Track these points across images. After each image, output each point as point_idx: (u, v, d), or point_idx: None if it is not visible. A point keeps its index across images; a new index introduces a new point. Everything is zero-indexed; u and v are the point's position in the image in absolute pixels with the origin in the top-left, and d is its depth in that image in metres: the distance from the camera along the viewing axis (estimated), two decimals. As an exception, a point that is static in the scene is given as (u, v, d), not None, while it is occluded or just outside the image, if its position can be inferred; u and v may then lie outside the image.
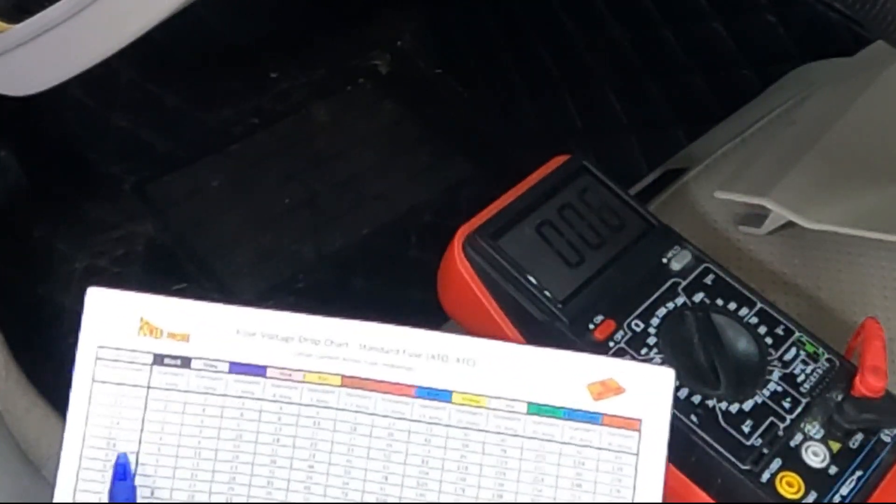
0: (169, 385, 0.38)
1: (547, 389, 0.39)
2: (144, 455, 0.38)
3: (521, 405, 0.39)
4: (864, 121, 0.59)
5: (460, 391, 0.39)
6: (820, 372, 0.43)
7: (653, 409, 0.38)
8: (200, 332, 0.38)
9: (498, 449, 0.38)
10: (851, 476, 0.40)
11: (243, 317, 0.39)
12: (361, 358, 0.39)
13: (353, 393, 0.38)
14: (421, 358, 0.39)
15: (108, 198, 0.83)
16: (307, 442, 0.38)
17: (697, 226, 0.56)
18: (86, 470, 0.38)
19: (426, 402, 0.38)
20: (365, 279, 0.82)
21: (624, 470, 0.38)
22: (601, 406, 0.38)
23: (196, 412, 0.38)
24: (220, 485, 0.38)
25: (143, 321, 0.38)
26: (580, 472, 0.38)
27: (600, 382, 0.38)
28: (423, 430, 0.38)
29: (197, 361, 0.38)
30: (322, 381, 0.38)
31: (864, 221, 0.53)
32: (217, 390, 0.38)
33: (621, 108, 0.89)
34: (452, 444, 0.38)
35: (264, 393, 0.38)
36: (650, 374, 0.39)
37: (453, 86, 1.00)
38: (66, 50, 0.48)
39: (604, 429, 0.38)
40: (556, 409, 0.38)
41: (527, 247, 0.46)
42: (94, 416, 0.38)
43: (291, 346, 0.39)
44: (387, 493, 0.38)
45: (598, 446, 0.38)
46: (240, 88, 0.95)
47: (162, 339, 0.38)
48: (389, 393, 0.38)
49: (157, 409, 0.38)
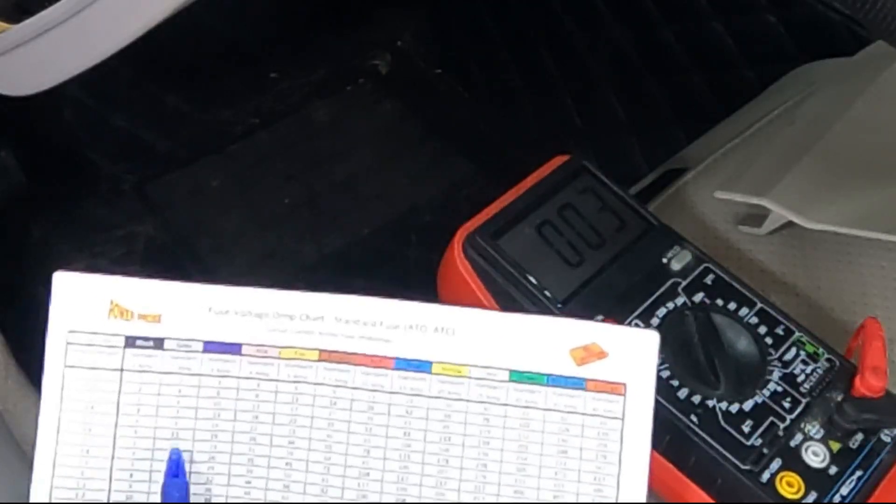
0: (142, 367, 0.38)
1: (529, 356, 0.38)
2: (121, 438, 0.37)
3: (503, 373, 0.38)
4: (864, 121, 0.59)
5: (440, 361, 0.38)
6: (820, 372, 0.43)
7: (637, 373, 0.38)
8: (172, 312, 0.38)
9: (481, 418, 0.38)
10: (851, 476, 0.40)
11: (215, 295, 0.38)
12: (338, 331, 0.38)
13: (331, 367, 0.38)
14: (399, 329, 0.38)
15: (108, 198, 0.83)
16: (286, 418, 0.38)
17: (697, 226, 0.56)
18: (62, 456, 0.37)
19: (406, 373, 0.38)
20: (365, 279, 0.82)
21: (609, 435, 0.37)
22: (584, 371, 0.38)
23: (172, 393, 0.38)
24: (199, 465, 0.38)
25: (113, 304, 0.38)
26: (565, 438, 0.38)
27: (583, 347, 0.38)
28: (403, 402, 0.38)
29: (170, 342, 0.38)
30: (299, 357, 0.38)
31: (864, 221, 0.53)
32: (192, 370, 0.38)
33: (621, 108, 0.89)
34: (434, 415, 0.38)
35: (240, 371, 0.38)
36: (634, 338, 0.38)
37: (453, 86, 1.00)
38: (66, 50, 0.48)
39: (588, 394, 0.38)
40: (539, 375, 0.38)
41: (527, 247, 0.46)
42: (67, 401, 0.37)
43: (266, 322, 0.38)
44: (369, 466, 0.38)
45: (583, 412, 0.38)
46: (240, 88, 0.94)
47: (133, 321, 0.38)
48: (368, 366, 0.38)
49: (131, 392, 0.38)
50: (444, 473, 0.38)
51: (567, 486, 0.37)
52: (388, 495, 0.38)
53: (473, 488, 0.38)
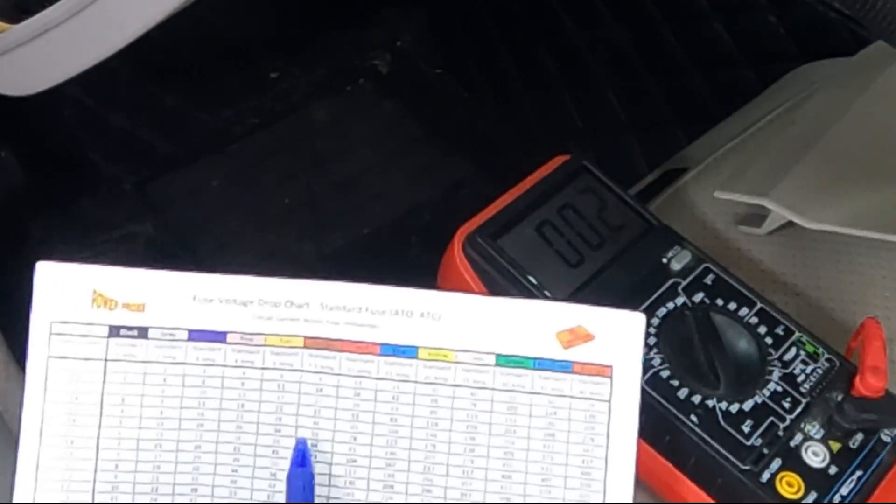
0: (127, 356, 0.37)
1: (515, 340, 0.38)
2: (106, 429, 0.37)
3: (490, 357, 0.38)
4: (864, 121, 0.59)
5: (426, 346, 0.38)
6: (820, 372, 0.43)
7: (624, 355, 0.37)
8: (156, 300, 0.38)
9: (468, 402, 0.38)
10: (851, 476, 0.40)
11: (199, 283, 0.38)
12: (323, 318, 0.38)
13: (316, 354, 0.38)
14: (384, 315, 0.38)
15: (108, 198, 0.83)
16: (273, 406, 0.38)
17: (697, 226, 0.56)
18: (47, 447, 0.37)
19: (392, 359, 0.38)
20: (365, 279, 0.82)
21: (597, 417, 0.37)
22: (571, 354, 0.38)
23: (157, 382, 0.37)
24: (185, 454, 0.38)
25: (96, 293, 0.37)
26: (552, 421, 0.37)
27: (569, 330, 0.38)
28: (390, 387, 0.38)
29: (154, 331, 0.38)
30: (284, 344, 0.38)
31: (864, 221, 0.53)
32: (177, 359, 0.38)
33: (621, 108, 0.89)
34: (421, 400, 0.38)
35: (226, 359, 0.38)
36: (620, 320, 0.38)
37: (453, 86, 1.00)
38: (66, 50, 0.48)
39: (575, 377, 0.38)
40: (526, 359, 0.38)
41: (527, 247, 0.46)
42: (51, 392, 0.37)
43: (251, 309, 0.38)
44: (356, 453, 0.38)
45: (570, 395, 0.37)
46: (240, 88, 0.94)
47: (117, 311, 0.37)
48: (354, 352, 0.38)
49: (116, 382, 0.37)
50: (432, 459, 0.38)
51: (555, 470, 0.37)
52: (375, 481, 0.37)
53: (461, 473, 0.37)
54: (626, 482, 0.37)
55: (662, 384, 0.42)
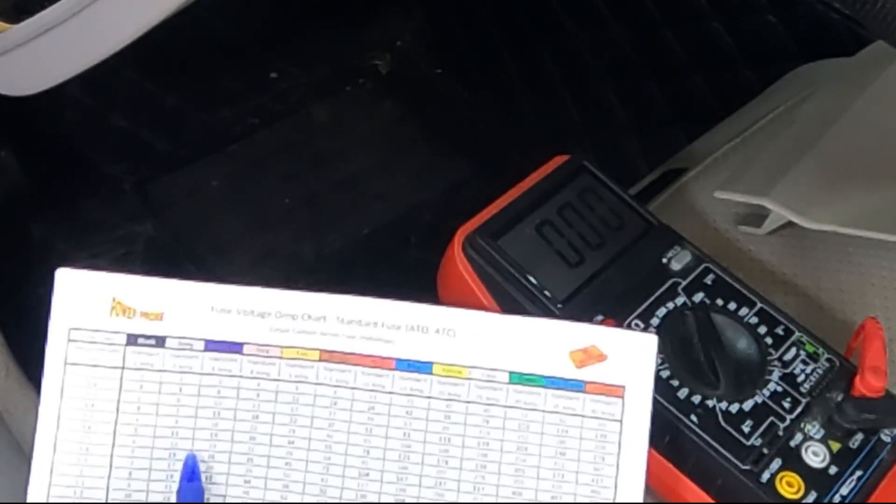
0: (143, 365, 0.38)
1: (529, 358, 0.38)
2: (121, 437, 0.37)
3: (503, 374, 0.38)
4: (864, 121, 0.59)
5: (441, 362, 0.38)
6: (820, 372, 0.43)
7: (636, 376, 0.38)
8: (174, 310, 0.38)
9: (480, 419, 0.38)
10: (851, 476, 0.40)
11: (217, 294, 0.38)
12: (340, 331, 0.38)
13: (331, 367, 0.38)
14: (400, 330, 0.38)
15: (108, 198, 0.83)
16: (287, 418, 0.38)
17: (697, 226, 0.56)
18: (61, 453, 0.37)
19: (406, 374, 0.38)
20: (365, 279, 0.82)
21: (608, 437, 0.38)
22: (584, 374, 0.38)
23: (172, 391, 0.38)
24: (198, 463, 0.38)
25: (115, 301, 0.38)
26: (564, 440, 0.38)
27: (582, 350, 0.38)
28: (404, 402, 0.38)
29: (171, 340, 0.38)
30: (300, 356, 0.38)
31: (864, 221, 0.53)
32: (193, 369, 0.38)
33: (621, 108, 0.89)
34: (434, 415, 0.38)
35: (241, 370, 0.38)
36: (632, 341, 0.38)
37: (453, 86, 1.00)
38: (66, 50, 0.48)
39: (587, 396, 0.38)
40: (539, 377, 0.38)
41: (527, 247, 0.46)
42: (67, 398, 0.37)
43: (267, 321, 0.38)
44: (369, 466, 0.38)
45: (582, 414, 0.38)
46: (240, 88, 0.94)
47: (135, 319, 0.38)
48: (369, 366, 0.38)
49: (132, 390, 0.38)
50: (443, 474, 0.38)
51: (565, 488, 0.37)
52: (386, 496, 0.38)
53: (472, 489, 0.38)
54: (634, 501, 0.37)
55: (662, 384, 0.42)
